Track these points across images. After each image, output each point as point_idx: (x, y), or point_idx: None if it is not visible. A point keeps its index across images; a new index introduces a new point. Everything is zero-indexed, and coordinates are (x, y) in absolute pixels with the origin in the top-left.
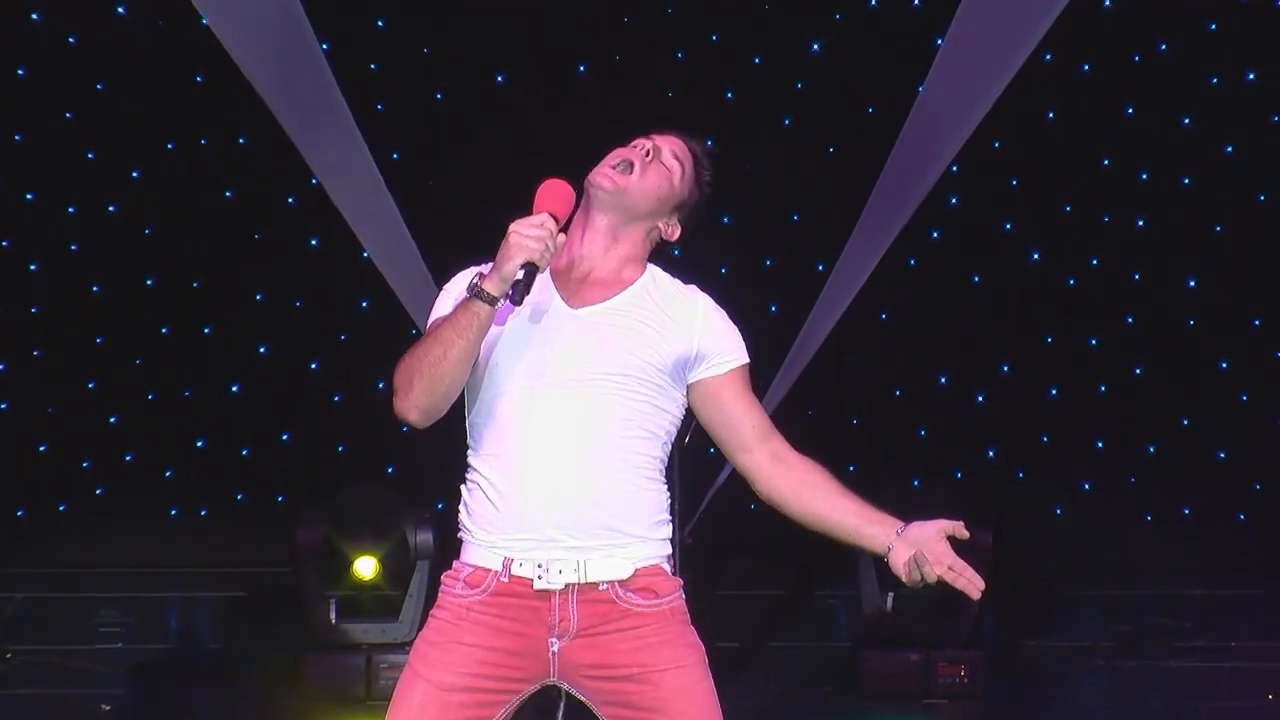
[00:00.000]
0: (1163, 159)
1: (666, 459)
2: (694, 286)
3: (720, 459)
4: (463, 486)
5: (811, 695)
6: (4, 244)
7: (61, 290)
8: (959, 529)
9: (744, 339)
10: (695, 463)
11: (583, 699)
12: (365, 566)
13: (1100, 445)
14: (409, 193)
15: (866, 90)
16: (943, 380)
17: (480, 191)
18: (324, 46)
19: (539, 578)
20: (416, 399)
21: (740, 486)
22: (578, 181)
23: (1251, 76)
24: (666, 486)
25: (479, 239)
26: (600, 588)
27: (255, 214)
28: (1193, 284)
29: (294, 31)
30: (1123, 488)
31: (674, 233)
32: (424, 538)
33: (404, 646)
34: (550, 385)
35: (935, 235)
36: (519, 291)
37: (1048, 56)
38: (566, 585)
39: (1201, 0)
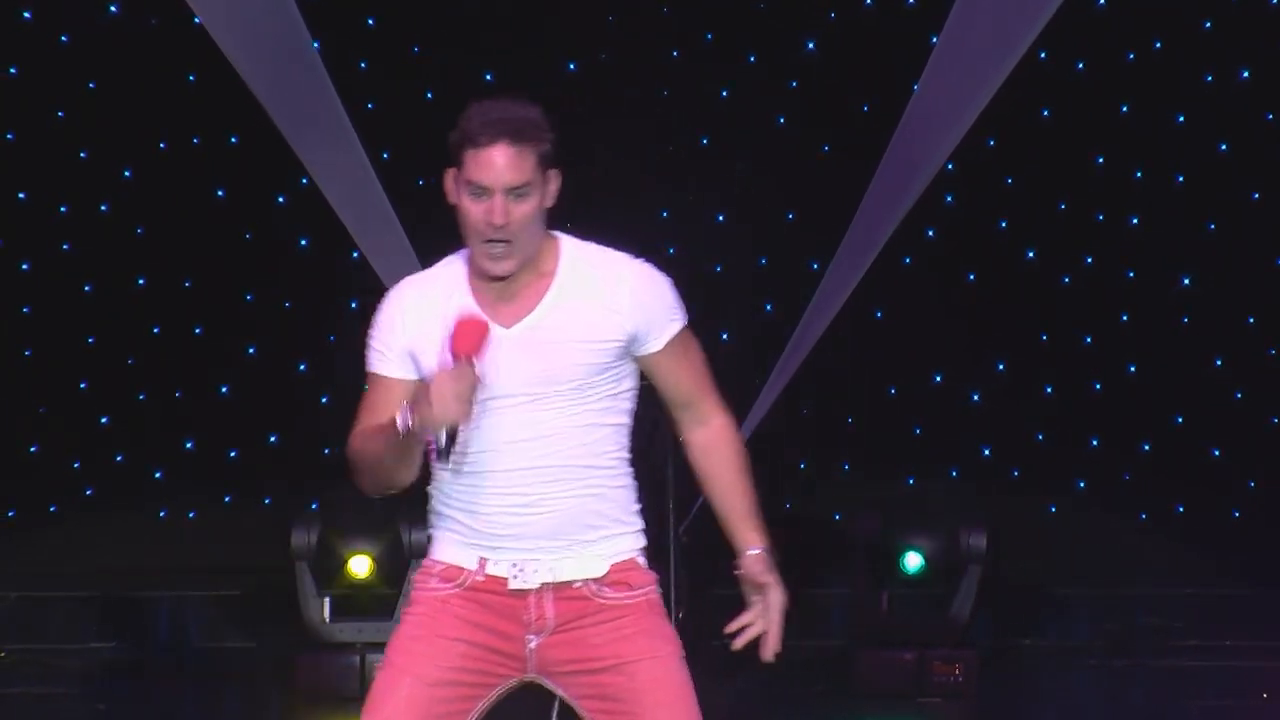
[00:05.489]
0: (1157, 157)
1: (629, 439)
2: (616, 256)
3: None
4: (432, 489)
5: (805, 694)
6: None
7: (53, 290)
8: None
9: (679, 303)
10: (689, 461)
11: (560, 693)
12: (359, 565)
13: (1095, 444)
14: (400, 192)
15: (862, 89)
16: (938, 379)
17: None
18: (316, 45)
19: (514, 578)
20: (370, 490)
21: None
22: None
23: (1245, 75)
24: (633, 472)
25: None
26: (575, 585)
27: (246, 214)
28: (1187, 282)
29: (287, 30)
30: (1117, 486)
31: (555, 192)
32: (418, 536)
33: None
34: (504, 405)
35: (930, 234)
36: (448, 453)
37: (1042, 55)
38: (542, 585)
39: None
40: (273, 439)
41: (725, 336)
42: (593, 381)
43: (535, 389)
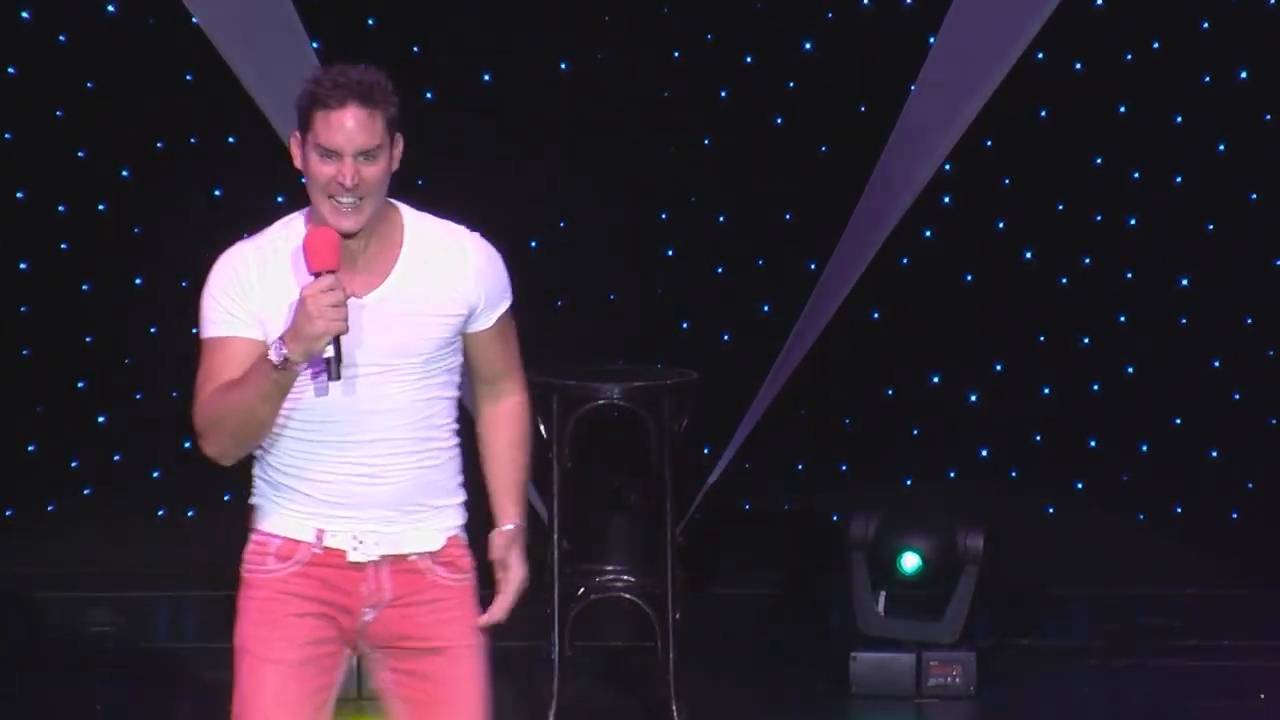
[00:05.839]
0: (1155, 158)
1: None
2: (456, 228)
3: (713, 456)
4: (264, 456)
5: (802, 695)
6: None
7: (51, 289)
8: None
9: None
10: (686, 461)
11: (376, 667)
12: None
13: (1093, 444)
14: (398, 191)
15: (859, 89)
16: (935, 380)
17: (469, 190)
18: (315, 45)
19: (354, 549)
20: (228, 451)
21: (733, 484)
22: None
23: (1244, 75)
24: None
25: None
26: (411, 559)
27: (244, 213)
28: (1185, 283)
29: (285, 30)
30: (1116, 487)
31: (399, 156)
32: None
33: None
34: (354, 375)
35: (927, 234)
36: (336, 367)
37: (1040, 55)
38: (381, 557)
39: None
40: None
41: (726, 338)
42: (438, 355)
43: (387, 360)
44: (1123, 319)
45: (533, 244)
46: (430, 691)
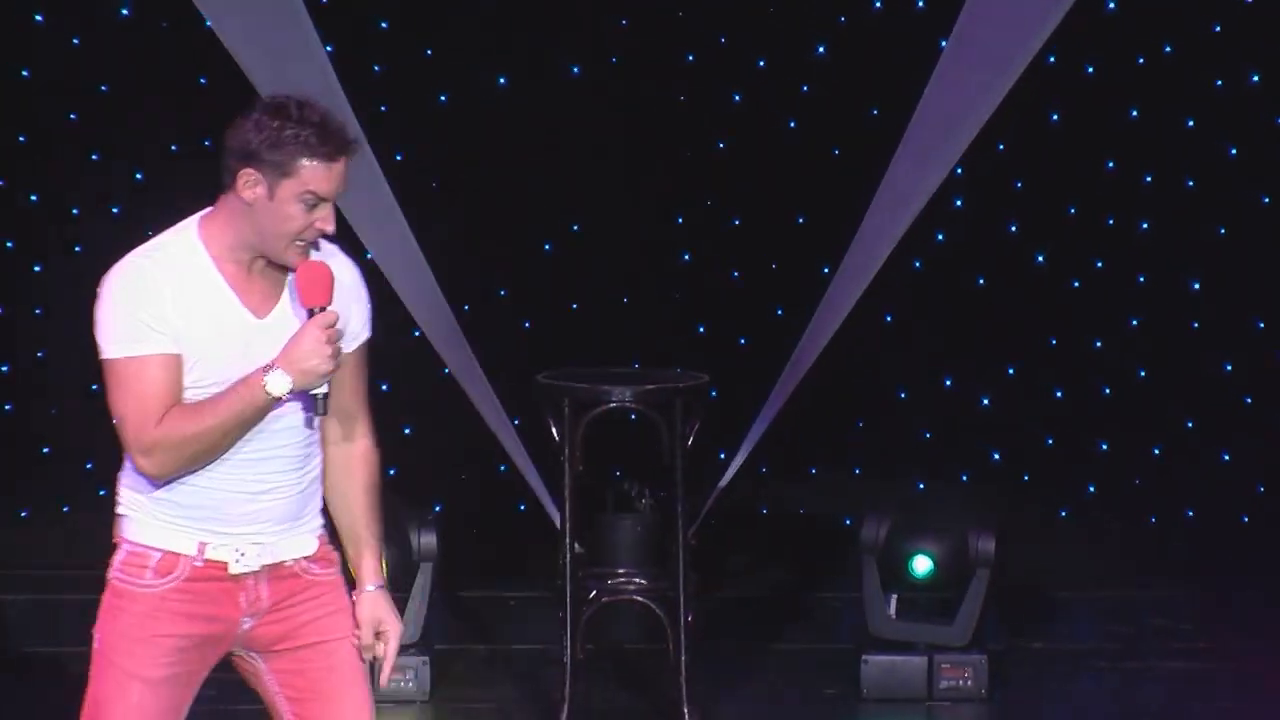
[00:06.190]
0: (1167, 161)
1: None
2: (335, 249)
3: (726, 459)
4: (135, 474)
5: (813, 698)
6: (8, 245)
7: (64, 292)
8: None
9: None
10: (698, 465)
11: (257, 669)
12: None
13: (1104, 447)
14: (412, 194)
15: (871, 92)
16: (947, 383)
17: (481, 193)
18: (328, 49)
19: (236, 561)
20: (179, 470)
21: (743, 488)
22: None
23: (1256, 79)
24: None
25: (479, 239)
26: (288, 564)
27: None
28: (1196, 286)
29: (297, 33)
30: (1127, 490)
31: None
32: (427, 540)
33: (408, 648)
34: None
35: (940, 237)
36: (324, 403)
37: (1051, 58)
38: (261, 566)
39: (1206, 2)
40: None
41: (742, 341)
42: (331, 374)
43: None
44: (1134, 322)
45: (547, 247)
46: (316, 685)
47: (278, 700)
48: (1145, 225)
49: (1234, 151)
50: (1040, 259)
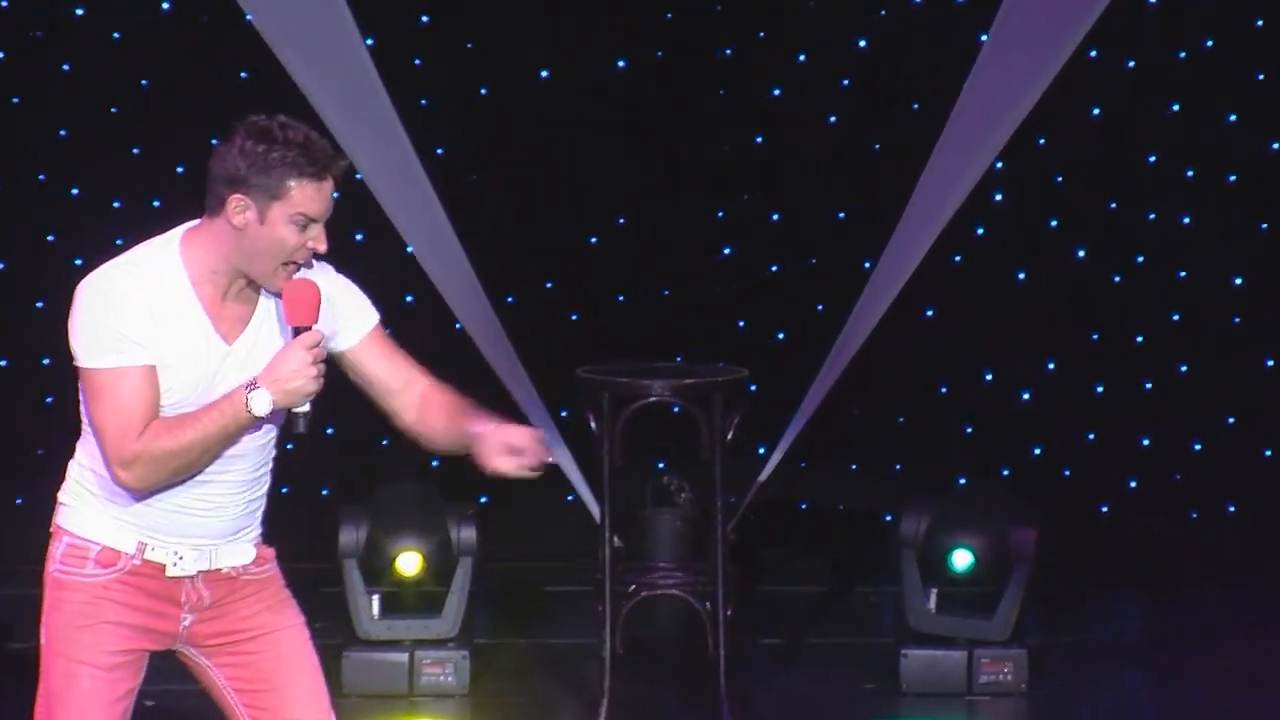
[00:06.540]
0: (1208, 156)
1: None
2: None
3: (766, 453)
4: (91, 465)
5: (853, 693)
6: (49, 239)
7: None
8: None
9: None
10: (737, 459)
11: (203, 667)
12: (408, 562)
13: (1145, 443)
14: (452, 188)
15: (911, 87)
16: (988, 378)
17: (522, 187)
18: (368, 42)
19: (173, 564)
20: (160, 482)
21: (783, 482)
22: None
23: None
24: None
25: (520, 234)
26: (225, 570)
27: None
28: (1238, 282)
29: (338, 27)
30: (1168, 486)
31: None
32: (467, 534)
33: (447, 643)
34: None
35: (980, 232)
36: (309, 424)
37: (1092, 53)
38: (198, 572)
39: None
40: (329, 432)
41: (781, 336)
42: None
43: None
44: (1176, 317)
45: (592, 240)
46: (267, 677)
47: (228, 696)
48: (1186, 220)
49: (1275, 146)
50: (1081, 254)
